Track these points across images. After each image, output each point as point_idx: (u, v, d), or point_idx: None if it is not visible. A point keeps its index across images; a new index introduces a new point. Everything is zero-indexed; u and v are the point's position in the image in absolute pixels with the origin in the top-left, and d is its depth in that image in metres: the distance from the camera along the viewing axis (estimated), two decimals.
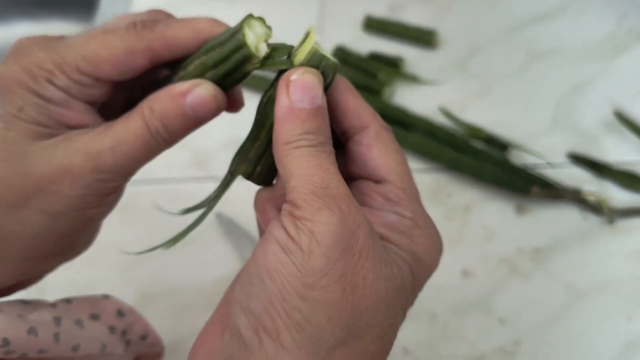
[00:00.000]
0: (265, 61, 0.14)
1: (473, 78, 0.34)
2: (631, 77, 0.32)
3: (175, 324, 0.29)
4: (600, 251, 0.27)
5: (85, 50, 0.13)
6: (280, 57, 0.14)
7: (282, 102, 0.13)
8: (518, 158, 0.30)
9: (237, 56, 0.13)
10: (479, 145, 0.31)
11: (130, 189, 0.36)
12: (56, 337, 0.15)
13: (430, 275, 0.15)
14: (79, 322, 0.16)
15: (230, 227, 0.31)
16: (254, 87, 0.35)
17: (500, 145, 0.30)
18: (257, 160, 0.15)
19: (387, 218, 0.14)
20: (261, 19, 0.14)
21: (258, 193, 0.16)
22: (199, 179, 0.34)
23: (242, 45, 0.13)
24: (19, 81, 0.13)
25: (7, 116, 0.13)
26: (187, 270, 0.30)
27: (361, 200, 0.14)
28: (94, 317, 0.16)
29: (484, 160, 0.29)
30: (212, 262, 0.30)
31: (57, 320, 0.15)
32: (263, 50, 0.14)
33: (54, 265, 0.16)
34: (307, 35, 0.14)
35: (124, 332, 0.18)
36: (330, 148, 0.13)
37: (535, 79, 0.33)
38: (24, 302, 0.15)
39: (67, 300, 0.16)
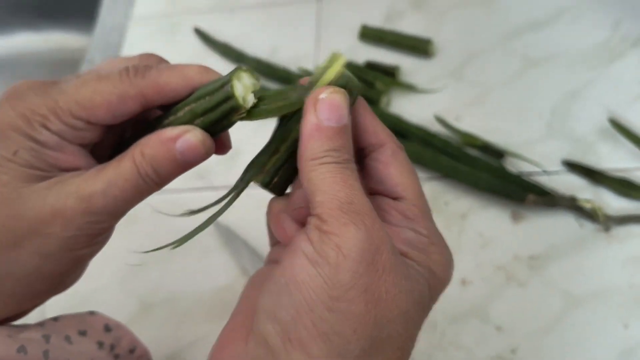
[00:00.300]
0: (252, 110, 0.14)
1: (468, 86, 0.34)
2: (626, 84, 0.32)
3: (174, 333, 0.29)
4: (596, 258, 0.27)
5: (79, 95, 0.14)
6: (268, 104, 0.15)
7: (310, 119, 0.14)
8: (514, 166, 0.30)
9: (225, 106, 0.14)
10: (474, 153, 0.31)
11: None
12: (45, 354, 0.15)
13: (444, 289, 0.16)
14: (67, 339, 0.16)
15: (227, 236, 0.31)
16: None
17: (496, 153, 0.30)
18: (275, 172, 0.16)
19: (405, 235, 0.15)
20: (250, 71, 0.14)
21: (272, 203, 0.17)
22: (199, 189, 0.34)
23: (230, 96, 0.14)
24: (14, 126, 0.13)
25: (1, 160, 0.13)
26: (185, 279, 0.31)
27: (380, 216, 0.14)
28: (82, 333, 0.17)
29: (480, 168, 0.30)
30: (211, 270, 0.31)
31: (47, 338, 0.15)
32: (250, 101, 0.14)
33: (44, 300, 0.16)
34: (333, 58, 0.14)
35: (112, 347, 0.18)
36: (353, 165, 0.14)
37: (530, 86, 0.33)
38: (12, 325, 0.16)
39: (55, 319, 0.17)
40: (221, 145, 0.16)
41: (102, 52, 0.44)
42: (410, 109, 0.34)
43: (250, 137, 0.36)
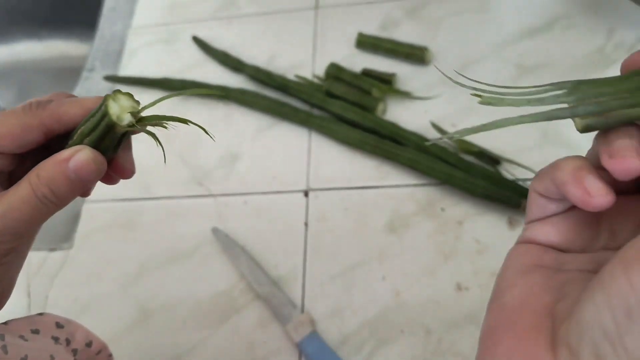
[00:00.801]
0: (133, 127, 0.16)
1: (464, 93, 0.35)
2: None
3: (174, 339, 0.29)
4: None
5: None
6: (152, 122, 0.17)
7: None
8: (510, 172, 0.30)
9: (103, 124, 0.16)
10: (470, 159, 0.31)
11: (134, 205, 0.37)
12: (4, 349, 0.15)
13: None
14: (22, 337, 0.16)
15: (226, 243, 0.31)
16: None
17: (492, 160, 0.31)
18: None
19: None
20: (129, 94, 0.16)
21: (569, 159, 0.13)
22: (198, 196, 0.35)
23: (106, 114, 0.15)
24: None
25: None
26: (184, 285, 0.31)
27: None
28: (35, 331, 0.17)
29: (476, 174, 0.30)
30: (209, 277, 0.31)
31: (1, 337, 0.16)
32: (127, 119, 0.16)
33: None
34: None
35: (68, 341, 0.18)
36: None
37: None
38: None
39: (4, 323, 0.17)
40: (120, 169, 0.17)
41: (102, 60, 0.44)
42: (406, 116, 0.34)
43: (249, 144, 0.36)
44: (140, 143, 0.41)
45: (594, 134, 0.13)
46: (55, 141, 0.16)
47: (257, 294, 0.29)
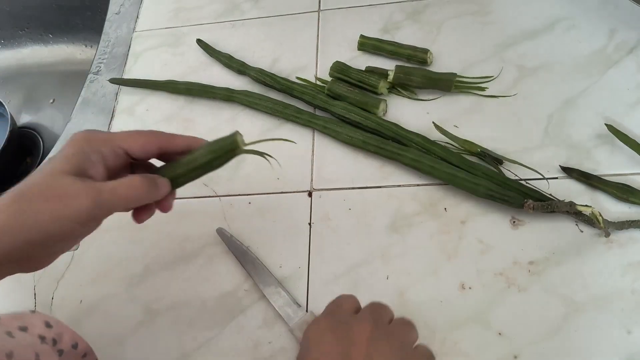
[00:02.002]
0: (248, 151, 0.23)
1: (466, 94, 0.35)
2: (622, 91, 0.33)
3: (179, 339, 0.29)
4: (597, 264, 0.27)
5: (125, 136, 0.23)
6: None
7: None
8: (512, 172, 0.31)
9: (228, 147, 0.23)
10: (473, 159, 0.31)
11: None
12: None
13: None
14: (9, 334, 0.17)
15: (231, 243, 0.32)
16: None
17: (494, 160, 0.31)
18: None
19: None
20: (239, 133, 0.23)
21: None
22: (203, 197, 0.35)
23: (234, 140, 0.23)
24: (80, 147, 0.22)
25: (63, 158, 0.21)
26: (190, 286, 0.31)
27: None
28: (22, 329, 0.18)
29: (478, 174, 0.30)
30: (214, 277, 0.31)
31: None
32: (243, 145, 0.23)
33: (54, 259, 0.22)
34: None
35: (54, 341, 0.19)
36: None
37: (527, 94, 0.34)
38: None
39: None
40: (167, 206, 0.24)
41: (107, 63, 0.45)
42: (408, 116, 0.35)
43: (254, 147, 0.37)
44: None
45: (594, 134, 0.13)
46: (162, 157, 0.24)
47: (262, 294, 0.29)
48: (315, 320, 0.24)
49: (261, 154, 0.23)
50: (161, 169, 0.25)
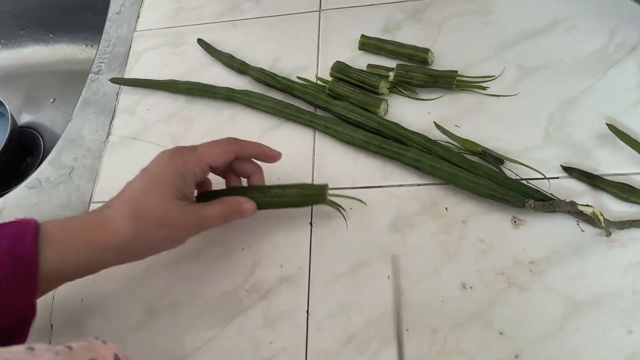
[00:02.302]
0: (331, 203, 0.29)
1: (467, 94, 0.35)
2: (623, 91, 0.33)
3: (180, 339, 0.29)
4: (598, 263, 0.27)
5: (208, 152, 0.27)
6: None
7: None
8: (513, 172, 0.31)
9: (317, 197, 0.28)
10: (474, 159, 0.31)
11: None
12: None
13: None
14: None
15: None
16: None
17: (495, 160, 0.31)
18: None
19: None
20: (327, 185, 0.29)
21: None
22: None
23: (321, 193, 0.28)
24: (177, 168, 0.26)
25: (169, 185, 0.25)
26: (190, 286, 0.31)
27: None
28: None
29: (479, 174, 0.30)
30: (215, 278, 0.31)
31: None
32: (328, 197, 0.28)
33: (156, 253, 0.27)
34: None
35: None
36: None
37: (527, 93, 0.34)
38: (30, 349, 0.16)
39: (69, 347, 0.18)
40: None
41: (108, 63, 0.45)
42: (409, 116, 0.35)
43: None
44: (148, 145, 0.41)
45: (595, 134, 0.13)
46: (236, 163, 0.29)
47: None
48: None
49: (339, 208, 0.29)
50: (250, 190, 0.29)
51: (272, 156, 0.29)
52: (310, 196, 0.28)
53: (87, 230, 0.24)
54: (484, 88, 0.34)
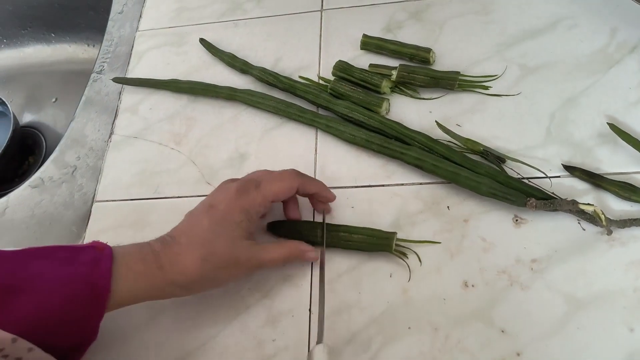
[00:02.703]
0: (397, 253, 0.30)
1: (468, 93, 0.35)
2: (624, 90, 0.33)
3: (182, 337, 0.29)
4: (599, 262, 0.27)
5: (272, 190, 0.28)
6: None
7: None
8: (515, 171, 0.31)
9: (383, 246, 0.29)
10: (476, 158, 0.31)
11: (143, 205, 0.37)
12: None
13: None
14: None
15: None
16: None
17: (497, 158, 0.31)
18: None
19: None
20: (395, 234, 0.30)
21: None
22: (207, 196, 0.35)
23: (390, 244, 0.29)
24: (243, 209, 0.27)
25: (235, 225, 0.26)
26: None
27: None
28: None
29: (481, 173, 0.30)
30: None
31: None
32: (394, 247, 0.29)
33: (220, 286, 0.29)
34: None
35: None
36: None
37: (529, 93, 0.34)
38: None
39: None
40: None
41: (110, 63, 0.45)
42: (411, 115, 0.35)
43: (257, 144, 0.37)
44: (151, 144, 0.41)
45: (596, 133, 0.13)
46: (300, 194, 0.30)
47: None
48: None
49: (405, 258, 0.29)
50: (319, 228, 0.30)
51: (327, 198, 0.30)
52: (376, 245, 0.29)
53: (160, 266, 0.25)
54: (486, 88, 0.35)
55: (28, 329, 0.21)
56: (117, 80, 0.43)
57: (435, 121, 0.33)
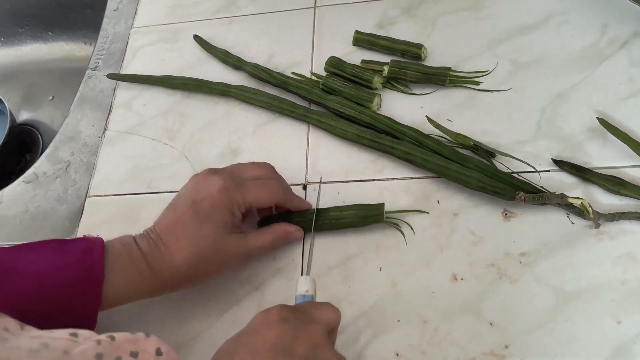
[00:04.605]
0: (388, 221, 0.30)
1: (459, 88, 0.35)
2: (614, 85, 0.33)
3: (174, 330, 0.30)
4: (588, 255, 0.27)
5: (254, 195, 0.28)
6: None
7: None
8: (505, 165, 0.31)
9: (375, 215, 0.30)
10: (466, 153, 0.32)
11: (135, 199, 0.38)
12: None
13: None
14: (118, 358, 0.17)
15: None
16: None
17: (487, 153, 0.31)
18: None
19: None
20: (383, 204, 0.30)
21: None
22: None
23: (381, 212, 0.30)
24: (226, 206, 0.27)
25: (219, 222, 0.27)
26: None
27: None
28: (134, 354, 0.18)
29: (471, 167, 0.30)
30: None
31: (99, 357, 0.17)
32: (384, 215, 0.30)
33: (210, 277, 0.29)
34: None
35: None
36: None
37: (520, 88, 0.34)
38: (73, 335, 0.17)
39: (112, 337, 0.18)
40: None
41: (105, 59, 0.45)
42: (402, 111, 0.35)
43: (249, 139, 0.37)
44: (144, 139, 0.41)
45: (586, 127, 0.13)
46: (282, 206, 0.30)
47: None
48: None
49: (397, 227, 0.30)
50: (309, 214, 0.30)
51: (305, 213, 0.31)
52: (368, 217, 0.29)
53: (149, 265, 0.25)
54: (477, 83, 0.35)
55: (21, 312, 0.21)
56: (111, 76, 0.43)
57: (426, 116, 0.34)
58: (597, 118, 0.31)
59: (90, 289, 0.24)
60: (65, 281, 0.23)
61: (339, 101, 0.35)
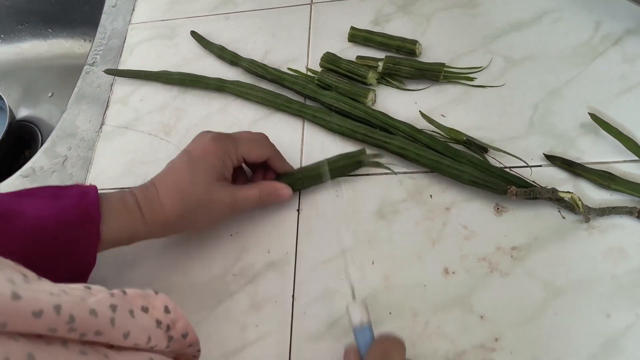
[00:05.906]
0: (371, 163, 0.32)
1: (453, 84, 0.35)
2: (607, 81, 0.33)
3: None
4: (578, 249, 0.28)
5: (245, 148, 0.29)
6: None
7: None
8: (497, 160, 0.31)
9: (356, 159, 0.32)
10: (459, 148, 0.32)
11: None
12: (112, 321, 0.17)
13: None
14: (131, 312, 0.18)
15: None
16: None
17: (479, 148, 0.31)
18: None
19: None
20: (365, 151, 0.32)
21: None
22: None
23: (361, 154, 0.32)
24: (217, 155, 0.28)
25: (209, 168, 0.28)
26: (179, 270, 0.32)
27: None
28: (144, 309, 0.19)
29: (463, 162, 0.30)
30: (204, 262, 0.32)
31: (113, 308, 0.17)
32: (368, 159, 0.32)
33: (198, 231, 0.31)
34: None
35: (168, 327, 0.19)
36: None
37: (513, 84, 0.34)
38: (87, 287, 0.17)
39: (124, 292, 0.19)
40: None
41: (103, 55, 0.45)
42: (396, 106, 0.35)
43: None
44: (141, 134, 0.42)
45: (578, 123, 0.13)
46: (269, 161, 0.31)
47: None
48: None
49: (381, 165, 0.31)
50: (298, 172, 0.32)
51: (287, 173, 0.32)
52: (351, 159, 0.31)
53: (139, 207, 0.27)
54: (471, 79, 0.35)
55: (22, 253, 0.21)
56: (108, 72, 0.43)
57: (420, 111, 0.34)
58: (588, 114, 0.31)
59: (89, 229, 0.24)
60: (63, 223, 0.24)
61: (333, 96, 0.35)
